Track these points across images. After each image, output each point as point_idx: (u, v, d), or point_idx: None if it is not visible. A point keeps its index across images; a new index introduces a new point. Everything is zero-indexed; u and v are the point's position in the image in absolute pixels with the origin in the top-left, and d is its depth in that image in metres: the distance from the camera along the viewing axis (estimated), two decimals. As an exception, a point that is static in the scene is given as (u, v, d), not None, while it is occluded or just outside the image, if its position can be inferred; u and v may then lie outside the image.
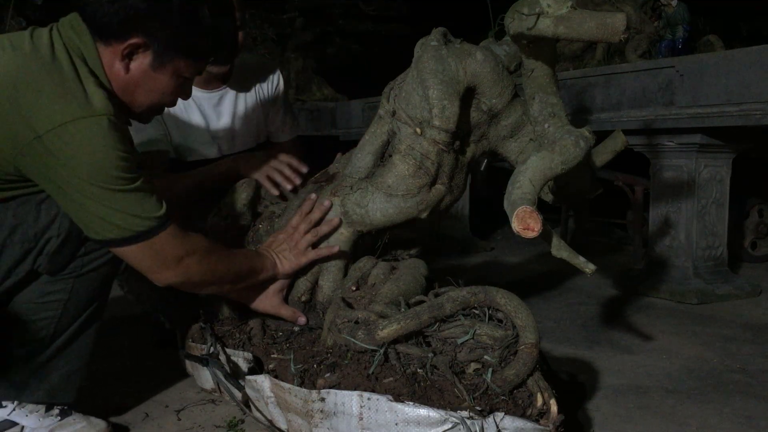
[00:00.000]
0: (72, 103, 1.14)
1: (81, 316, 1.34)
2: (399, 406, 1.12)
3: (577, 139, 1.30)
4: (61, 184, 1.16)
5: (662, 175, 2.76)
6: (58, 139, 1.12)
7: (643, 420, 1.49)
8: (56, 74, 1.16)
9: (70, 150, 1.13)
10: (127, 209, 1.19)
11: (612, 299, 2.72)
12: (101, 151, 1.14)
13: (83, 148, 1.13)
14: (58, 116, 1.12)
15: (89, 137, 1.13)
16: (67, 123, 1.12)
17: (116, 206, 1.18)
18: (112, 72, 1.25)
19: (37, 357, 1.31)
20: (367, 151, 1.53)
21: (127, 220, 1.20)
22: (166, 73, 1.27)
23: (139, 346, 2.08)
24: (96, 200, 1.16)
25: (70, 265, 1.29)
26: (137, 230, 1.21)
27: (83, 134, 1.13)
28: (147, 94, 1.29)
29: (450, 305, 1.27)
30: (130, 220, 1.20)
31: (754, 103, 2.30)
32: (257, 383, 1.32)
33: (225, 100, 2.05)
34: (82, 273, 1.31)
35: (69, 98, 1.14)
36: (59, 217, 1.24)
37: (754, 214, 3.60)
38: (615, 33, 1.19)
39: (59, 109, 1.13)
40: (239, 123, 2.08)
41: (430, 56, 1.40)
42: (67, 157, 1.13)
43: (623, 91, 2.79)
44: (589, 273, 1.24)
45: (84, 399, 1.44)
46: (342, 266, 1.53)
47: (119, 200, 1.18)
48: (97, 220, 1.19)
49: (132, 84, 1.27)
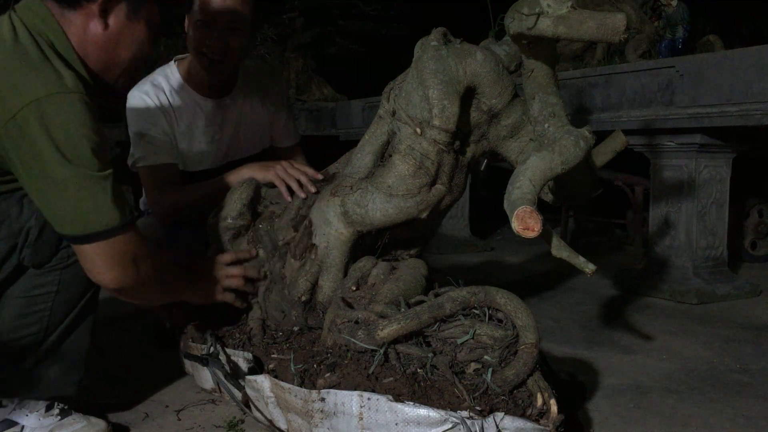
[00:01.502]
0: (43, 80, 1.14)
1: (74, 309, 1.34)
2: (399, 406, 1.12)
3: (577, 139, 1.30)
4: (32, 167, 1.14)
5: (662, 175, 2.76)
6: (32, 115, 1.12)
7: (643, 420, 1.49)
8: (23, 57, 1.16)
9: (43, 125, 1.12)
10: (94, 200, 1.17)
11: (612, 299, 2.72)
12: (74, 125, 1.14)
13: (56, 122, 1.13)
14: (30, 92, 1.12)
15: (62, 112, 1.13)
16: (40, 98, 1.12)
17: (83, 193, 1.16)
18: (86, 39, 1.26)
19: (33, 352, 1.31)
20: (367, 151, 1.53)
21: (90, 215, 1.17)
22: (141, 21, 1.30)
23: (139, 346, 2.08)
24: (64, 184, 1.14)
25: (54, 256, 1.29)
26: (98, 229, 1.18)
27: (56, 109, 1.13)
28: (128, 47, 1.31)
29: (450, 305, 1.27)
30: (93, 215, 1.17)
31: (754, 103, 2.30)
32: (257, 383, 1.32)
33: (230, 107, 2.04)
34: (69, 264, 1.30)
35: (40, 76, 1.14)
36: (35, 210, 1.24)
37: (754, 214, 3.60)
38: (615, 33, 1.19)
39: (31, 85, 1.13)
40: (244, 129, 2.08)
41: (430, 56, 1.40)
42: (40, 134, 1.12)
43: (623, 91, 2.79)
44: (589, 273, 1.24)
45: (84, 399, 1.44)
46: (342, 266, 1.53)
47: (88, 186, 1.16)
48: (62, 210, 1.17)
49: (113, 40, 1.28)
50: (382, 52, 6.06)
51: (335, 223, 1.50)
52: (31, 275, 1.29)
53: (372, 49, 6.56)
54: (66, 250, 1.30)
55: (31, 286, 1.29)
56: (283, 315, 1.55)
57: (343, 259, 1.52)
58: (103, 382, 1.72)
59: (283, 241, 1.67)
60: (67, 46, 1.24)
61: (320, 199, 1.56)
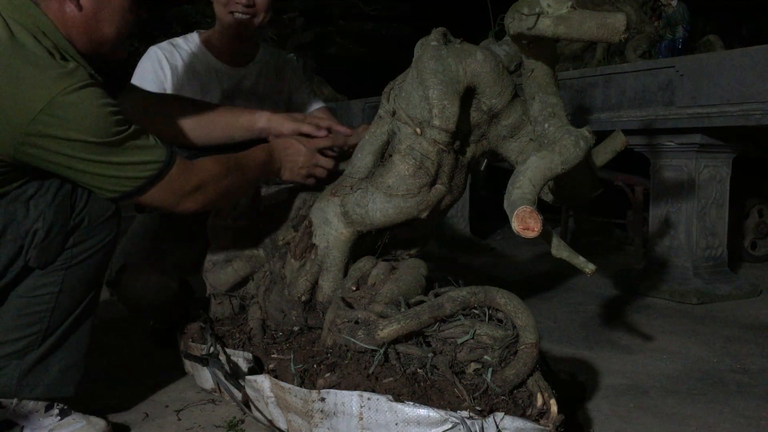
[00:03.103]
0: (52, 77, 1.15)
1: (76, 309, 1.33)
2: (399, 406, 1.12)
3: (577, 139, 1.30)
4: (66, 160, 1.19)
5: (662, 175, 2.76)
6: (52, 116, 1.14)
7: (643, 420, 1.49)
8: (24, 54, 1.16)
9: (66, 122, 1.15)
10: (135, 158, 1.24)
11: (612, 299, 2.72)
12: (95, 112, 1.18)
13: (78, 115, 1.16)
14: (44, 93, 1.14)
15: (80, 104, 1.16)
16: (55, 97, 1.14)
17: (124, 159, 1.23)
18: (67, 24, 1.26)
19: (33, 352, 1.31)
20: (367, 151, 1.53)
21: (137, 170, 1.25)
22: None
23: (139, 346, 2.08)
24: (104, 160, 1.21)
25: (59, 257, 1.29)
26: (149, 175, 1.26)
27: (74, 103, 1.15)
28: (109, 22, 1.31)
29: (450, 305, 1.27)
30: (140, 168, 1.25)
31: (754, 103, 2.30)
32: (257, 383, 1.32)
33: (246, 78, 2.09)
34: (73, 264, 1.30)
35: (48, 73, 1.16)
36: (45, 210, 1.24)
37: (754, 214, 3.60)
38: (615, 33, 1.19)
39: (43, 86, 1.14)
40: (257, 102, 2.10)
41: (430, 56, 1.40)
42: (66, 130, 1.16)
43: (623, 91, 2.79)
44: (589, 273, 1.24)
45: (84, 399, 1.44)
46: (342, 266, 1.53)
47: (125, 152, 1.22)
48: (111, 180, 1.24)
49: (92, 20, 1.28)
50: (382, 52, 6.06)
51: (335, 223, 1.50)
52: (35, 275, 1.29)
53: (372, 49, 6.57)
54: (71, 251, 1.30)
55: (34, 286, 1.29)
56: (283, 315, 1.55)
57: (343, 259, 1.52)
58: (103, 382, 1.72)
59: (283, 241, 1.68)
60: (58, 34, 1.25)
61: (320, 199, 1.56)
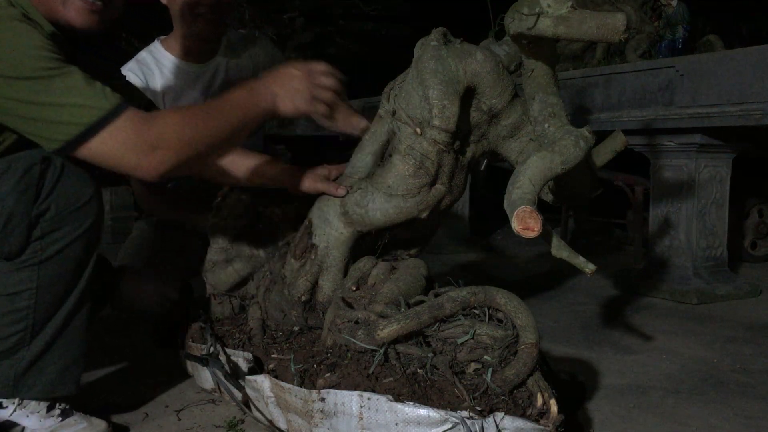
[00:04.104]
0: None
1: (62, 305, 1.31)
2: (399, 406, 1.12)
3: (577, 139, 1.30)
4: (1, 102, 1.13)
5: (662, 175, 2.76)
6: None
7: (643, 420, 1.50)
8: None
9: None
10: (70, 100, 1.13)
11: (612, 299, 2.72)
12: (16, 39, 1.12)
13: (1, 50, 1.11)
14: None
15: (2, 38, 1.12)
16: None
17: (56, 100, 1.13)
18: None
19: (24, 351, 1.29)
20: (367, 151, 1.53)
21: (74, 114, 1.13)
22: None
23: (139, 346, 2.08)
24: (35, 101, 1.12)
25: (26, 249, 1.25)
26: (88, 122, 1.13)
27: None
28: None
29: (450, 305, 1.27)
30: (77, 113, 1.13)
31: (754, 103, 2.30)
32: (257, 383, 1.32)
33: (219, 70, 2.13)
34: (45, 258, 1.27)
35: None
36: (5, 196, 1.21)
37: (754, 214, 3.60)
38: (615, 33, 1.19)
39: None
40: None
41: (430, 56, 1.40)
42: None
43: (623, 91, 2.79)
44: (589, 273, 1.24)
45: (84, 399, 1.44)
46: (342, 266, 1.53)
47: (59, 89, 1.12)
48: (50, 126, 1.14)
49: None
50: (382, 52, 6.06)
51: (335, 223, 1.50)
52: (7, 272, 1.27)
53: (372, 49, 6.57)
54: (39, 243, 1.26)
55: (9, 283, 1.27)
56: (283, 315, 1.55)
57: (343, 259, 1.52)
58: (103, 383, 1.72)
59: (283, 241, 1.68)
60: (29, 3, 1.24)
61: (320, 199, 1.56)
